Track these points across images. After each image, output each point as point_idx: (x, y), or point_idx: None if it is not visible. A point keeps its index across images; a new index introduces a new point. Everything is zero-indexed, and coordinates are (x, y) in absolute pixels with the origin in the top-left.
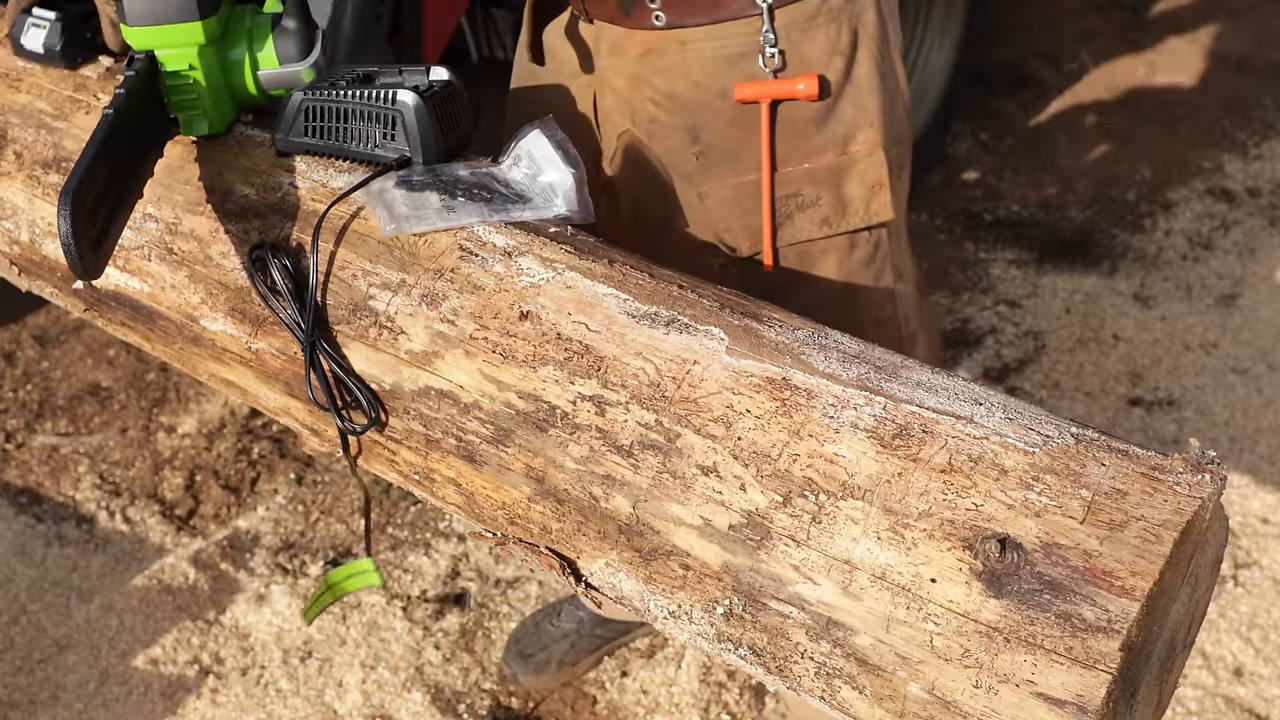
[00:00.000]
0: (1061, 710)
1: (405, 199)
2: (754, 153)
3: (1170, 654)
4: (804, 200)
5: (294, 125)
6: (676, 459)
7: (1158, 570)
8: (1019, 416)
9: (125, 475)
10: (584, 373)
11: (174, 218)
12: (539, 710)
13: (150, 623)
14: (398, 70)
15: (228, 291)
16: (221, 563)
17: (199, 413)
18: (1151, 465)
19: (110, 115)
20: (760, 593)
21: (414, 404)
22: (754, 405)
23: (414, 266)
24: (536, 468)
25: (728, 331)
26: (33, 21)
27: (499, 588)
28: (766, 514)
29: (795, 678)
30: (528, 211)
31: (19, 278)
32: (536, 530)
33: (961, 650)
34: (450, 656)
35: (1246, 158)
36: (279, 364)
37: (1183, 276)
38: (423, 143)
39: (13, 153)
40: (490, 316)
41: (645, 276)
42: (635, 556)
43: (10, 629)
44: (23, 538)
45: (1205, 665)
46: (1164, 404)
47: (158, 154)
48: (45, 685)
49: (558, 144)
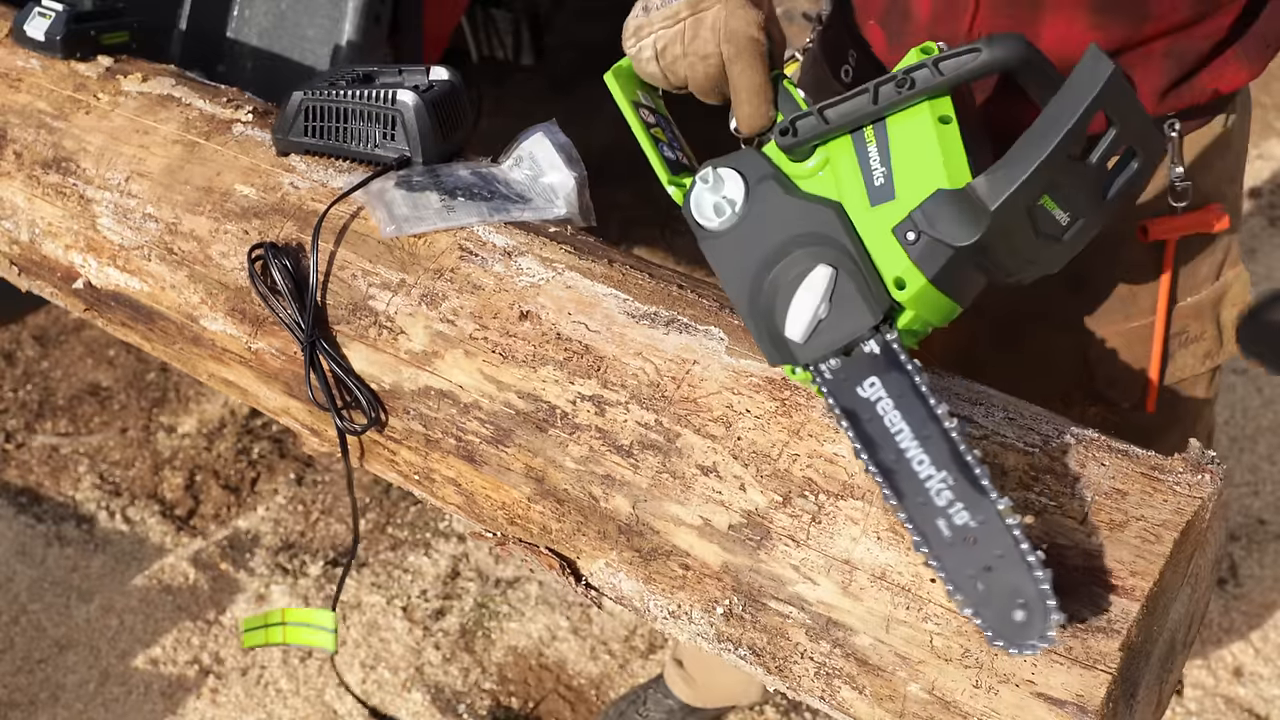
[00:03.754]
0: (1061, 710)
1: (405, 199)
2: (1151, 295)
3: (1170, 654)
4: (1188, 337)
5: (294, 125)
6: (676, 459)
7: (1158, 570)
8: (1019, 417)
9: (125, 475)
10: (584, 373)
11: (174, 218)
12: (539, 710)
13: (150, 623)
14: (398, 70)
15: (228, 291)
16: (221, 563)
17: (199, 413)
18: (1151, 465)
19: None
20: (760, 593)
21: (414, 404)
22: (754, 405)
23: (414, 266)
24: (536, 468)
25: (728, 331)
26: (39, 10)
27: (499, 588)
28: (766, 514)
29: (795, 678)
30: (528, 211)
31: (19, 278)
32: (536, 530)
33: (961, 650)
34: (450, 656)
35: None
36: (279, 364)
37: None
38: (422, 143)
39: (13, 153)
40: (490, 316)
41: (645, 276)
42: (635, 556)
43: (10, 629)
44: (23, 538)
45: (1205, 665)
46: None
47: None
48: (45, 685)
49: (560, 146)
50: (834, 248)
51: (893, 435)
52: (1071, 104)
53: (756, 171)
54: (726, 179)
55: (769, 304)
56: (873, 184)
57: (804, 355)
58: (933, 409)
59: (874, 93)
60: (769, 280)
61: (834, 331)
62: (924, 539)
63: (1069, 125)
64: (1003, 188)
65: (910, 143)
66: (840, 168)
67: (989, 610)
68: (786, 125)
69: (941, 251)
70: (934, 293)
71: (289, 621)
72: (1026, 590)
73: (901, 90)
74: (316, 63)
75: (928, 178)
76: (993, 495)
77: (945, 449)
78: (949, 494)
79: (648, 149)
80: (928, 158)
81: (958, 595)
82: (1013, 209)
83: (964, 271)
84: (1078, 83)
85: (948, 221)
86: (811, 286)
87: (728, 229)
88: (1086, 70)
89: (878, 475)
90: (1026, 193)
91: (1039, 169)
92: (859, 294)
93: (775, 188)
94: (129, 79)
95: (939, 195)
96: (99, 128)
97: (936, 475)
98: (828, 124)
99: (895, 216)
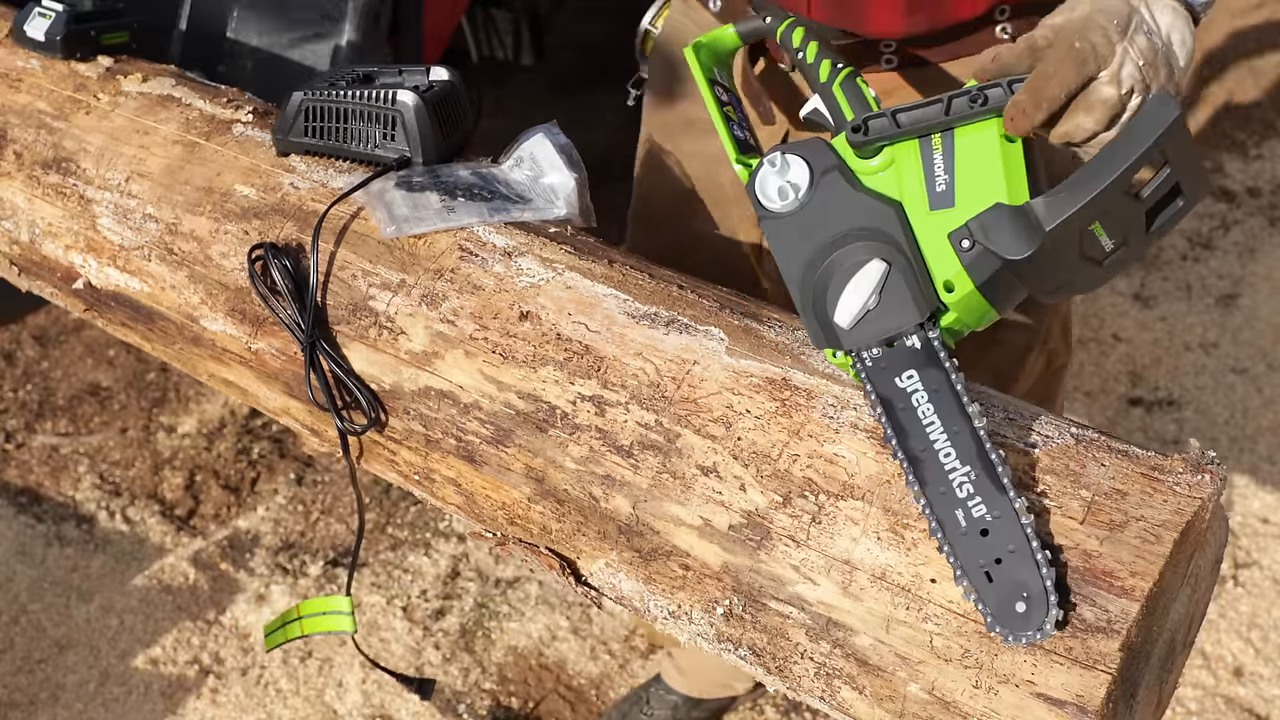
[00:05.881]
0: (1061, 710)
1: (405, 199)
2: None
3: (1170, 654)
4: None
5: (294, 125)
6: (676, 459)
7: (1158, 570)
8: (1019, 417)
9: (125, 475)
10: (584, 373)
11: (174, 218)
12: (539, 710)
13: (150, 623)
14: (398, 70)
15: (228, 291)
16: (221, 563)
17: (199, 413)
18: (1151, 465)
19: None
20: (760, 593)
21: (414, 404)
22: (754, 405)
23: (414, 267)
24: (536, 468)
25: (728, 331)
26: (40, 10)
27: (499, 588)
28: (766, 514)
29: (795, 678)
30: (528, 212)
31: (19, 278)
32: (536, 530)
33: (961, 650)
34: (450, 656)
35: (1246, 158)
36: (279, 364)
37: (1183, 276)
38: (422, 143)
39: (13, 153)
40: (490, 317)
41: (645, 277)
42: (635, 557)
43: (10, 629)
44: (23, 538)
45: (1205, 665)
46: (1164, 404)
47: None
48: (45, 685)
49: (560, 147)
50: (890, 244)
51: (924, 426)
52: (1136, 142)
53: (823, 162)
54: (794, 165)
55: (821, 289)
56: (934, 189)
57: (848, 341)
58: (964, 406)
59: (947, 104)
60: (824, 266)
61: (880, 323)
62: (940, 526)
63: (1130, 161)
64: (1061, 210)
65: (975, 155)
66: (904, 170)
67: (993, 599)
68: (859, 123)
69: (992, 262)
70: (978, 299)
71: (305, 614)
72: (1032, 585)
73: (974, 105)
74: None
75: (989, 190)
76: (1011, 494)
77: (972, 446)
78: (970, 488)
79: (719, 126)
80: (990, 172)
81: (964, 581)
82: (1067, 231)
83: (1008, 283)
84: (1143, 122)
85: (1003, 235)
86: (865, 278)
87: (790, 212)
88: (1152, 111)
89: (904, 462)
90: (1082, 218)
91: (1096, 198)
92: (909, 291)
93: (840, 180)
94: (129, 79)
95: (998, 209)
96: (99, 128)
97: (960, 469)
98: (899, 127)
99: (952, 223)
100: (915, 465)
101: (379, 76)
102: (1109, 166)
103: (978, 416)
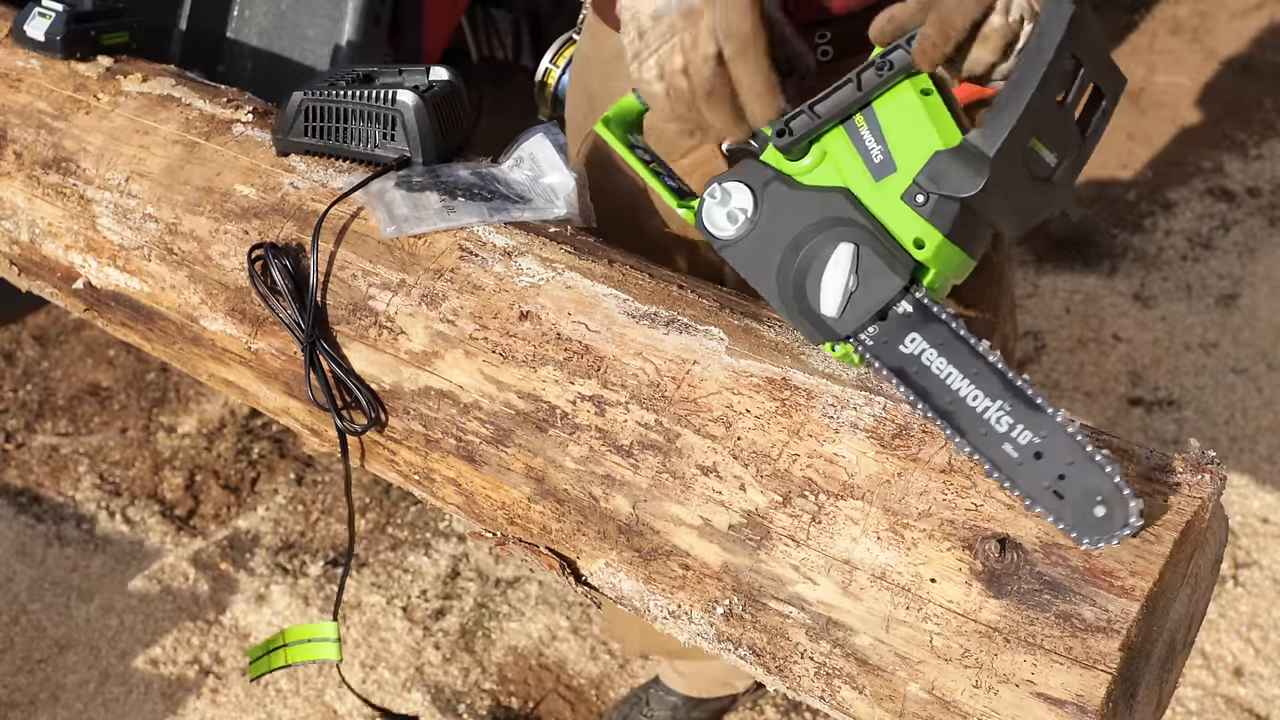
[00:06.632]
0: (1061, 710)
1: (405, 199)
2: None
3: (1170, 654)
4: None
5: (294, 125)
6: (676, 459)
7: (1157, 570)
8: None
9: (125, 475)
10: (584, 373)
11: (174, 218)
12: (539, 710)
13: (150, 623)
14: (398, 70)
15: (228, 291)
16: (221, 563)
17: (199, 413)
18: (1152, 465)
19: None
20: (760, 593)
21: (414, 404)
22: (754, 405)
23: (414, 266)
24: (536, 468)
25: (728, 331)
26: (39, 10)
27: (499, 588)
28: (766, 514)
29: (795, 678)
30: (528, 212)
31: (19, 278)
32: (536, 530)
33: (961, 650)
34: (450, 656)
35: (1246, 158)
36: (279, 364)
37: (1183, 276)
38: (422, 143)
39: (13, 153)
40: (490, 316)
41: (645, 276)
42: (635, 556)
43: (10, 629)
44: (23, 538)
45: (1205, 665)
46: (1164, 404)
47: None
48: (45, 685)
49: (560, 147)
50: (851, 225)
51: (943, 380)
52: (1044, 47)
53: (760, 178)
54: (734, 191)
55: (799, 289)
56: (873, 162)
57: (843, 328)
58: (974, 346)
59: (857, 80)
60: (795, 268)
61: (867, 300)
62: (994, 466)
63: (1044, 66)
64: (998, 134)
65: (899, 117)
66: (838, 156)
67: (1069, 514)
68: (781, 127)
69: (951, 206)
70: (950, 247)
71: (290, 641)
72: (1103, 487)
73: (883, 73)
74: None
75: (923, 144)
76: (1050, 410)
77: (996, 380)
78: (1009, 419)
79: (653, 182)
80: (919, 126)
81: (1037, 508)
82: (1009, 153)
83: (973, 222)
84: (1045, 27)
85: (952, 177)
86: (838, 263)
87: (744, 235)
88: (1051, 13)
89: (937, 420)
90: (1018, 135)
91: (1027, 112)
92: (883, 261)
93: (782, 188)
94: (129, 79)
95: (938, 156)
96: (99, 128)
97: (993, 405)
98: (820, 118)
99: (901, 185)
100: (948, 418)
101: (379, 76)
102: (1028, 78)
103: (990, 352)
